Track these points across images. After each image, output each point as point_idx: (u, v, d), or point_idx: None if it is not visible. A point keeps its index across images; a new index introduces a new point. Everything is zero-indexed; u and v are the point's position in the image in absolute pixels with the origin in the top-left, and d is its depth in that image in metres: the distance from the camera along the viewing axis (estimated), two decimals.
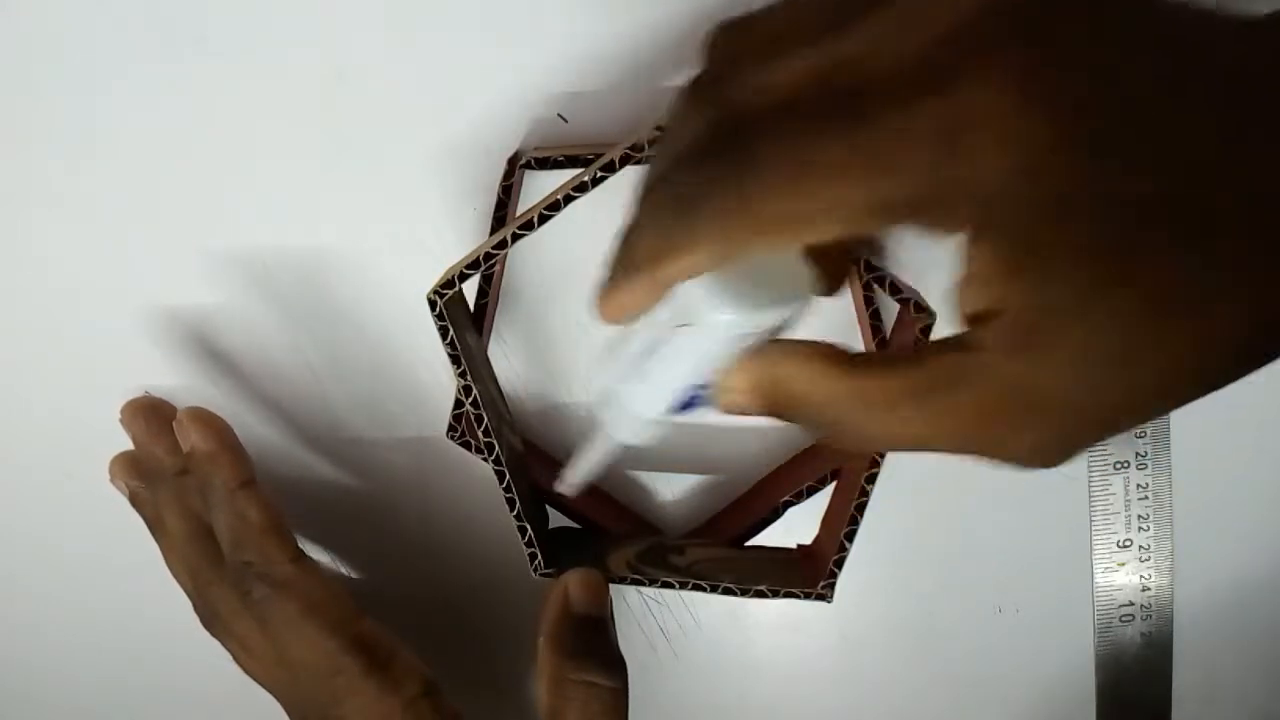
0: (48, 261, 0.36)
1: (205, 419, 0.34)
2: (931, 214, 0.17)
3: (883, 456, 0.30)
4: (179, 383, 0.37)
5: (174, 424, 0.34)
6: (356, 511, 0.39)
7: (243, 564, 0.33)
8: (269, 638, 0.33)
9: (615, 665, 0.32)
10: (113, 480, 0.36)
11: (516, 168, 0.33)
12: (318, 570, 0.34)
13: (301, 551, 0.34)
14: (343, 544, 0.39)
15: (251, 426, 0.37)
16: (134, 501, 0.36)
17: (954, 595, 0.38)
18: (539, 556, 0.33)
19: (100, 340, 0.37)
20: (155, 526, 0.36)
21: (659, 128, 0.27)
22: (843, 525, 0.31)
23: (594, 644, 0.32)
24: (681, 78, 0.19)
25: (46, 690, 0.43)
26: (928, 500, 0.37)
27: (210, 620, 0.35)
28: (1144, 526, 0.36)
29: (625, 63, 0.33)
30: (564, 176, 0.30)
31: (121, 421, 0.35)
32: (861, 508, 0.31)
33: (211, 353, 0.37)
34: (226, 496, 0.33)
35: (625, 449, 0.26)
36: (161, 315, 0.37)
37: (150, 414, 0.35)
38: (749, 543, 0.36)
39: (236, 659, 0.35)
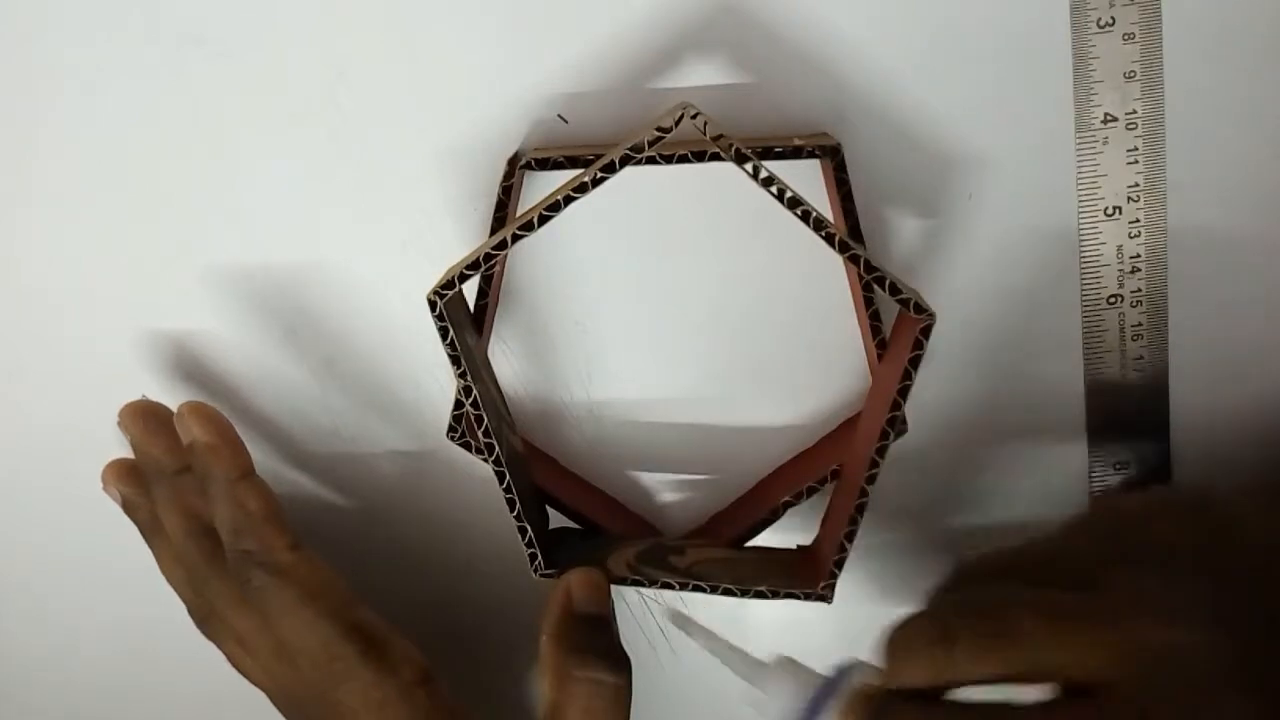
0: (43, 261, 0.37)
1: (205, 412, 0.34)
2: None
3: (882, 456, 0.30)
4: (180, 380, 0.37)
5: (174, 417, 0.35)
6: (357, 512, 0.39)
7: (243, 553, 0.33)
8: (266, 628, 0.34)
9: (618, 661, 0.33)
10: (105, 488, 0.36)
11: (516, 168, 0.33)
12: (316, 558, 0.34)
13: (300, 540, 0.34)
14: (343, 545, 0.39)
15: (252, 427, 0.37)
16: (127, 507, 0.36)
17: None
18: (539, 557, 0.33)
19: (99, 343, 0.37)
20: (150, 530, 0.36)
21: (659, 129, 0.27)
22: (843, 526, 0.31)
23: (597, 641, 0.33)
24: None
25: (46, 693, 0.43)
26: (928, 501, 0.37)
27: (206, 618, 0.36)
28: None
29: (625, 64, 0.33)
30: (564, 177, 0.30)
31: (119, 424, 0.36)
32: (861, 508, 0.31)
33: (213, 354, 0.37)
34: (227, 487, 0.34)
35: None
36: (161, 317, 0.37)
37: (148, 416, 0.35)
38: (749, 543, 0.36)
39: (231, 658, 0.36)
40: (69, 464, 0.38)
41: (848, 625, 0.39)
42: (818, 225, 0.28)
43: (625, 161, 0.28)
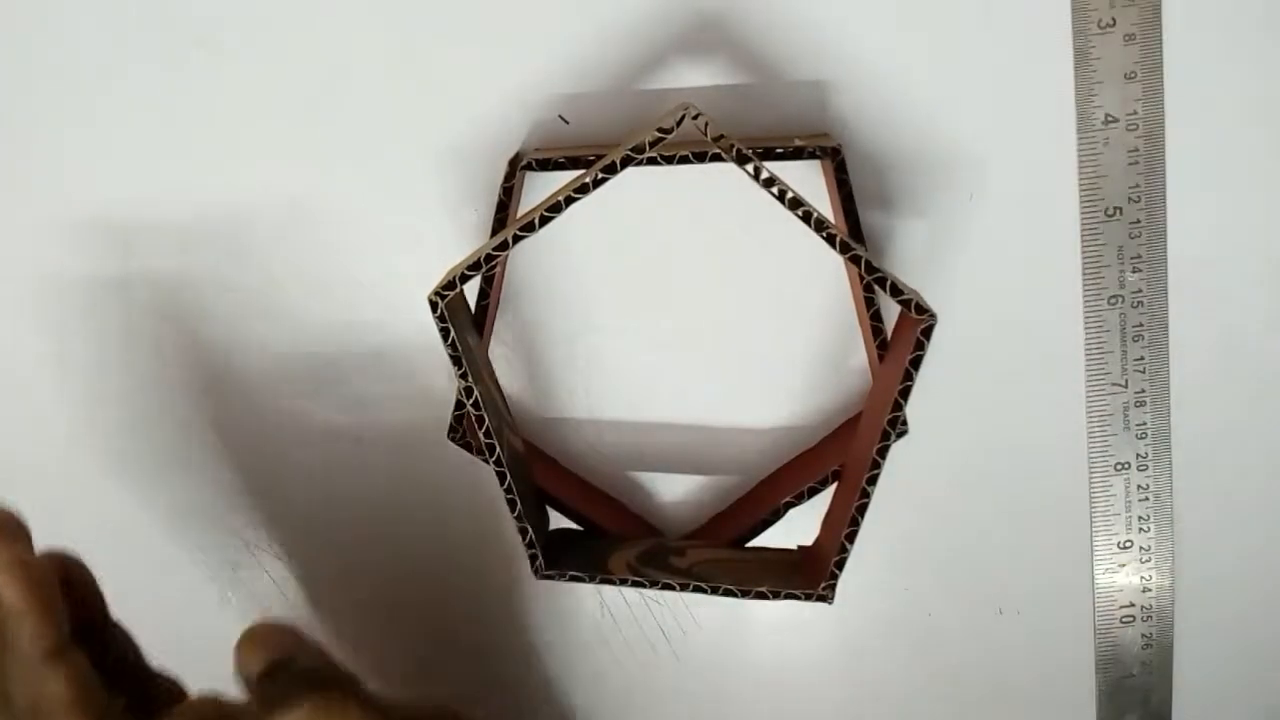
0: (43, 261, 0.36)
1: (21, 566, 0.27)
2: None
3: (883, 457, 0.30)
4: (179, 382, 0.37)
5: None
6: (356, 513, 0.39)
7: None
8: None
9: (312, 684, 0.28)
10: None
11: (517, 169, 0.33)
12: None
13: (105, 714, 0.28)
14: (342, 546, 0.39)
15: (252, 430, 0.37)
16: None
17: (954, 596, 0.38)
18: (539, 558, 0.33)
19: (100, 342, 0.37)
20: None
21: (660, 130, 0.27)
22: (844, 526, 0.31)
23: (282, 683, 0.28)
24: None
25: None
26: (928, 501, 0.37)
27: None
28: (1145, 528, 0.36)
29: (626, 64, 0.33)
30: (565, 178, 0.30)
31: None
32: (863, 509, 0.31)
33: (212, 355, 0.37)
34: (31, 665, 0.27)
35: None
36: (160, 316, 0.37)
37: None
38: (750, 544, 0.36)
39: None
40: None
41: (848, 625, 0.39)
42: (819, 226, 0.28)
43: (626, 162, 0.28)
